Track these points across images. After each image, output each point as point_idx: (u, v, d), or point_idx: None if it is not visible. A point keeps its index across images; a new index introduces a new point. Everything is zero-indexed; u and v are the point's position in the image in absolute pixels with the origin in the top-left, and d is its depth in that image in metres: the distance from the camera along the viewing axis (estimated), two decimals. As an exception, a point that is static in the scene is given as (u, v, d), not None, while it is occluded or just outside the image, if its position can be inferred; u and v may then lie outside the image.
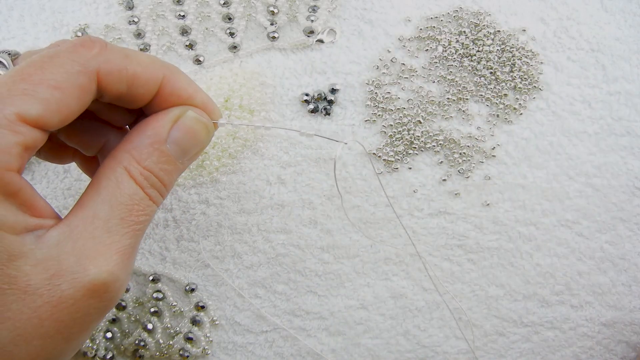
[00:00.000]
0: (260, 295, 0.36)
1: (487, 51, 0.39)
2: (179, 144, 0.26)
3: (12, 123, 0.21)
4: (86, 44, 0.24)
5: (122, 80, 0.24)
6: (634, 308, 0.37)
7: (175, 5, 0.39)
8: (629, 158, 0.38)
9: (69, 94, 0.23)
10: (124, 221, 0.24)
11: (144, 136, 0.25)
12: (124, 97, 0.25)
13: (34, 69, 0.22)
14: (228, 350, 0.36)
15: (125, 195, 0.24)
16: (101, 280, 0.22)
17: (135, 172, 0.24)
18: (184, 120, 0.26)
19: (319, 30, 0.39)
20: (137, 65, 0.25)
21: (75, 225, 0.23)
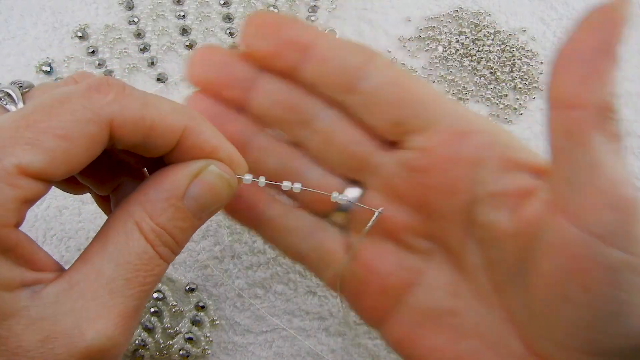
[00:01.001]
0: (260, 296, 0.36)
1: (487, 51, 0.39)
2: (197, 200, 0.23)
3: (11, 176, 0.19)
4: (102, 88, 0.21)
5: (138, 130, 0.22)
6: (634, 308, 0.37)
7: (175, 5, 0.39)
8: (629, 158, 0.38)
9: (77, 144, 0.20)
10: (129, 282, 0.21)
11: (160, 190, 0.23)
12: (139, 147, 0.23)
13: (41, 114, 0.20)
14: (228, 350, 0.36)
15: (133, 254, 0.22)
16: (99, 346, 0.20)
17: (146, 229, 0.22)
18: (205, 175, 0.23)
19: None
20: (156, 115, 0.22)
21: (76, 281, 0.21)
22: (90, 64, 0.39)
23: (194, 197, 0.23)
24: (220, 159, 0.24)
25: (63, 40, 0.39)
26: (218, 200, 0.24)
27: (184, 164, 0.23)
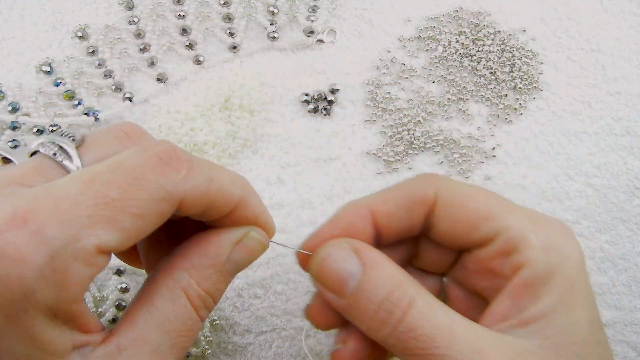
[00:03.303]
0: (259, 296, 0.36)
1: (487, 51, 0.39)
2: (236, 263, 0.24)
3: (90, 255, 0.19)
4: (173, 163, 0.21)
5: (202, 204, 0.23)
6: (634, 308, 0.37)
7: (175, 5, 0.39)
8: (629, 158, 0.38)
9: (149, 221, 0.21)
10: (173, 347, 0.22)
11: (205, 256, 0.23)
12: (195, 216, 0.24)
13: (118, 192, 0.20)
14: (228, 350, 0.36)
15: (180, 321, 0.22)
16: None
17: (193, 295, 0.23)
18: (247, 241, 0.25)
19: (319, 30, 0.39)
20: (219, 190, 0.23)
21: (123, 346, 0.21)
22: (90, 64, 0.39)
23: (235, 261, 0.24)
24: (260, 225, 0.25)
25: (63, 40, 0.39)
26: (253, 261, 0.25)
27: (226, 230, 0.24)
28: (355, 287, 0.24)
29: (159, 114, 0.38)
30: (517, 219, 0.25)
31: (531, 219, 0.25)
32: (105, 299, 0.35)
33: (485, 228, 0.25)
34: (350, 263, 0.24)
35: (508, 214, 0.25)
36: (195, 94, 0.38)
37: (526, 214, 0.25)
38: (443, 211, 0.26)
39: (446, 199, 0.26)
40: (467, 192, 0.26)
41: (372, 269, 0.24)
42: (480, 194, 0.26)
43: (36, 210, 0.19)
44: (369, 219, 0.26)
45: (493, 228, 0.25)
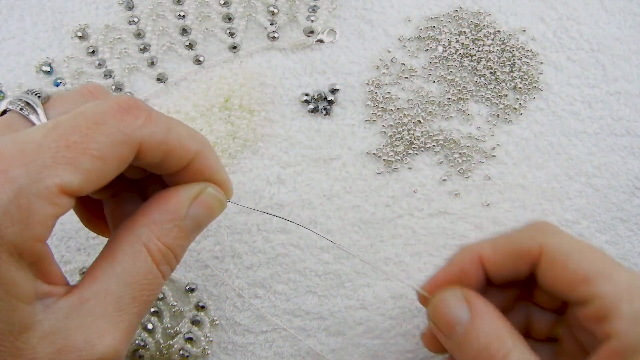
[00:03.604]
0: (260, 295, 0.36)
1: (487, 51, 0.39)
2: (195, 219, 0.25)
3: (53, 195, 0.20)
4: (132, 111, 0.23)
5: (160, 153, 0.24)
6: (634, 308, 0.37)
7: (175, 5, 0.39)
8: (629, 158, 0.38)
9: (110, 164, 0.22)
10: (135, 300, 0.23)
11: (165, 212, 0.24)
12: (154, 166, 0.25)
13: (79, 135, 0.21)
14: (228, 350, 0.36)
15: (140, 274, 0.23)
16: (107, 359, 0.22)
17: (154, 249, 0.24)
18: (204, 196, 0.26)
19: (319, 30, 0.39)
20: (177, 140, 0.24)
21: (86, 298, 0.22)
22: (90, 64, 0.39)
23: (194, 216, 0.25)
24: (216, 182, 0.27)
25: (63, 40, 0.39)
26: (212, 218, 0.26)
27: (185, 187, 0.25)
28: (462, 332, 0.26)
29: (159, 114, 0.38)
30: (614, 286, 0.25)
31: (630, 286, 0.25)
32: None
33: (582, 291, 0.25)
34: (461, 311, 0.27)
35: (606, 280, 0.25)
36: (195, 94, 0.38)
37: (627, 280, 0.25)
38: (545, 267, 0.27)
39: (549, 255, 0.27)
40: (570, 249, 0.26)
41: (479, 319, 0.26)
42: (583, 252, 0.26)
43: (2, 153, 0.20)
44: (479, 265, 0.28)
45: (588, 292, 0.25)
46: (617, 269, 0.26)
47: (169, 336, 0.36)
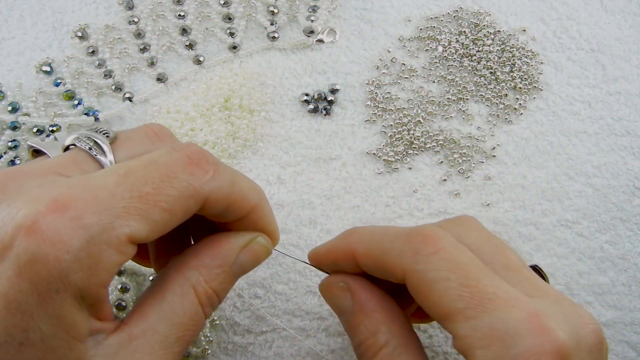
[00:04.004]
0: (260, 295, 0.36)
1: (487, 51, 0.39)
2: (242, 266, 0.26)
3: (122, 244, 0.21)
4: (202, 164, 0.23)
5: (223, 205, 0.24)
6: (634, 308, 0.37)
7: (175, 5, 0.39)
8: (629, 158, 0.38)
9: (176, 215, 0.23)
10: (179, 340, 0.24)
11: (215, 257, 0.25)
12: (214, 216, 0.25)
13: (152, 187, 0.22)
14: (228, 350, 0.36)
15: (187, 315, 0.24)
16: None
17: (201, 292, 0.24)
18: (254, 246, 0.27)
19: (319, 30, 0.39)
20: (240, 194, 0.25)
21: (134, 335, 0.23)
22: (90, 64, 0.39)
23: (241, 263, 0.26)
24: (268, 232, 0.27)
25: (63, 40, 0.39)
26: (256, 265, 0.27)
27: (237, 234, 0.26)
28: (347, 320, 0.28)
29: (159, 114, 0.38)
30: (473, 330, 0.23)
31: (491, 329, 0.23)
32: (105, 299, 0.35)
33: (444, 325, 0.25)
34: (344, 300, 0.28)
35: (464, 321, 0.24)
36: (195, 94, 0.38)
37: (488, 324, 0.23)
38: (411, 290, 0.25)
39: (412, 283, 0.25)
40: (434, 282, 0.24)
41: (359, 312, 0.27)
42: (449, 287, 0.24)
43: (76, 198, 0.20)
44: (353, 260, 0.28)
45: (449, 328, 0.24)
46: (486, 307, 0.24)
47: (169, 336, 0.36)
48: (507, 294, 0.24)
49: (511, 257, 0.27)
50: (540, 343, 0.22)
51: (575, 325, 0.24)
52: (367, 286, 0.28)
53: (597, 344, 0.24)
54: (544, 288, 0.26)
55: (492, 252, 0.27)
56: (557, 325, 0.23)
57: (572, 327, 0.24)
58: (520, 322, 0.23)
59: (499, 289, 0.24)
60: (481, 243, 0.27)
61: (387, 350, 0.26)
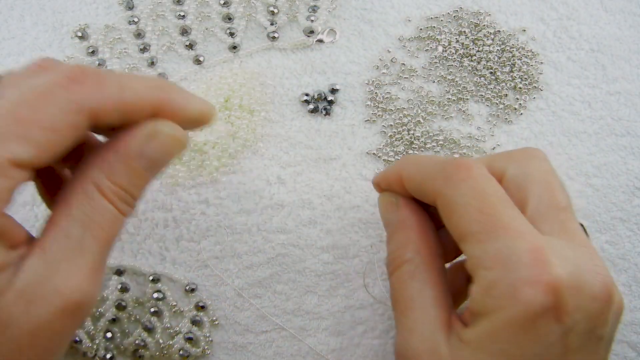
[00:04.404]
0: (260, 295, 0.36)
1: (487, 51, 0.39)
2: (150, 159, 0.25)
3: (4, 169, 0.21)
4: (78, 78, 0.23)
5: (117, 113, 0.24)
6: (634, 308, 0.37)
7: (175, 5, 0.39)
8: (629, 158, 0.38)
9: (63, 134, 0.22)
10: (95, 239, 0.23)
11: (116, 152, 0.24)
12: (116, 124, 0.25)
13: (27, 109, 0.22)
14: (228, 350, 0.36)
15: (97, 213, 0.23)
16: (75, 301, 0.22)
17: (106, 189, 0.24)
18: (157, 136, 0.25)
19: (319, 30, 0.39)
20: (133, 96, 0.24)
21: (48, 247, 0.23)
22: (90, 64, 0.39)
23: (148, 156, 0.25)
24: (190, 117, 0.26)
25: (63, 40, 0.39)
26: (169, 157, 0.26)
27: (138, 126, 0.25)
28: (388, 232, 0.31)
29: (159, 114, 0.38)
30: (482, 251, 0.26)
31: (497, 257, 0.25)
32: (106, 299, 0.35)
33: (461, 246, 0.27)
34: (391, 214, 0.31)
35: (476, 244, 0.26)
36: (195, 94, 0.38)
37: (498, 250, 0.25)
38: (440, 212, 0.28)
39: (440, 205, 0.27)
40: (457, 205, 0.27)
41: (400, 225, 0.30)
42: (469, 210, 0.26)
43: None
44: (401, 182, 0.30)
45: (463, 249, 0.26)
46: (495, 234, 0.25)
47: (169, 336, 0.36)
48: (520, 226, 0.25)
49: (556, 197, 0.28)
50: (536, 273, 0.24)
51: (583, 269, 0.25)
52: (412, 205, 0.30)
53: (603, 294, 0.25)
54: (572, 232, 0.27)
55: (539, 187, 0.28)
56: (559, 262, 0.24)
57: (577, 270, 0.25)
58: (524, 251, 0.24)
59: (514, 221, 0.26)
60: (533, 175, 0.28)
61: (409, 266, 0.28)
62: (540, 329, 0.24)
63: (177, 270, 0.36)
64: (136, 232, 0.36)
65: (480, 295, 0.25)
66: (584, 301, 0.24)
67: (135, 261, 0.36)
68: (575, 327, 0.25)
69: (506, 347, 0.25)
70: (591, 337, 0.25)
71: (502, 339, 0.25)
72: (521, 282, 0.24)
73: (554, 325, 0.24)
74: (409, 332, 0.28)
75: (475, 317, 0.25)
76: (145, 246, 0.36)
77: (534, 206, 0.27)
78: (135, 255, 0.36)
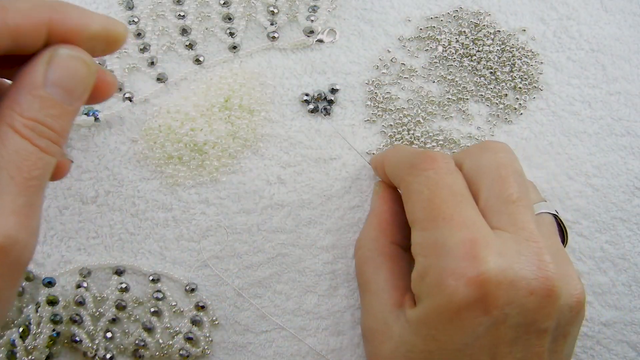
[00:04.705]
0: (260, 295, 0.36)
1: (487, 51, 0.39)
2: (59, 85, 0.24)
3: None
4: None
5: (4, 35, 0.23)
6: (634, 308, 0.37)
7: (175, 5, 0.39)
8: (629, 158, 0.38)
9: None
10: (14, 180, 0.22)
11: (21, 86, 0.23)
12: (13, 50, 0.23)
13: None
14: (228, 350, 0.36)
15: (11, 152, 0.22)
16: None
17: (18, 126, 0.22)
18: (57, 60, 0.24)
19: (319, 30, 0.39)
20: (17, 16, 0.23)
21: None
22: (90, 64, 0.39)
23: (55, 83, 0.24)
24: (92, 35, 0.25)
25: (63, 40, 0.39)
26: (80, 81, 0.24)
27: (37, 55, 0.24)
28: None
29: (159, 114, 0.38)
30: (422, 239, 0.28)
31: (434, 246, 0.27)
32: (105, 299, 0.35)
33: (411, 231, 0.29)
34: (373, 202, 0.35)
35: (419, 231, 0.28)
36: (195, 94, 0.38)
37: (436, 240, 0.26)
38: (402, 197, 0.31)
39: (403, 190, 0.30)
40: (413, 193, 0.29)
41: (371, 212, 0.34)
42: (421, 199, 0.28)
43: None
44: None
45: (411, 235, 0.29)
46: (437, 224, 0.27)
47: (169, 336, 0.36)
48: (463, 219, 0.26)
49: (507, 189, 0.28)
50: (463, 266, 0.25)
51: (520, 264, 0.25)
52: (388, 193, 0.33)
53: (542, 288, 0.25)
54: (521, 225, 0.27)
55: (489, 179, 0.29)
56: (492, 257, 0.25)
57: (513, 264, 0.25)
58: (458, 243, 0.25)
59: (458, 213, 0.27)
60: (484, 168, 0.29)
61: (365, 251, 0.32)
62: (466, 320, 0.25)
63: (177, 270, 0.36)
64: (136, 232, 0.36)
65: (415, 281, 0.27)
66: (517, 296, 0.25)
67: (135, 261, 0.36)
68: (508, 320, 0.25)
69: (434, 333, 0.26)
70: (529, 330, 0.26)
71: (431, 325, 0.26)
72: (447, 272, 0.25)
73: (482, 318, 0.25)
74: (366, 312, 0.31)
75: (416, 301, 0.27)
76: (145, 246, 0.36)
77: (484, 198, 0.28)
78: (135, 255, 0.36)
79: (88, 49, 0.25)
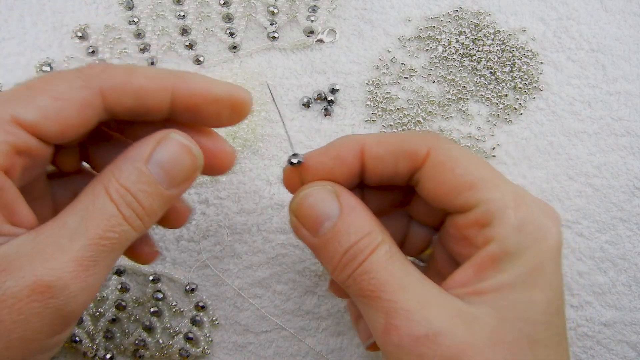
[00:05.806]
0: (260, 295, 0.36)
1: (487, 51, 0.39)
2: (162, 166, 0.25)
3: (5, 123, 0.22)
4: (90, 65, 0.25)
5: (128, 94, 0.25)
6: (634, 308, 0.37)
7: (175, 5, 0.39)
8: (629, 158, 0.38)
9: (70, 106, 0.24)
10: (89, 233, 0.23)
11: (126, 156, 0.25)
12: (136, 111, 0.25)
13: (40, 81, 0.24)
14: (228, 350, 0.36)
15: (97, 210, 0.23)
16: (46, 282, 0.21)
17: (111, 189, 0.24)
18: (167, 142, 0.25)
19: (319, 30, 0.39)
20: (142, 78, 0.25)
21: (42, 231, 0.23)
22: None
23: (158, 163, 0.25)
24: (215, 99, 0.26)
25: (63, 40, 0.39)
26: (183, 169, 0.25)
27: (152, 134, 0.25)
28: (330, 228, 0.25)
29: (159, 114, 0.38)
30: (501, 194, 0.25)
31: (517, 197, 0.25)
32: (105, 299, 0.35)
33: (466, 196, 0.25)
34: (330, 205, 0.26)
35: (493, 188, 0.25)
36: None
37: (514, 192, 0.25)
38: (430, 170, 0.26)
39: (437, 160, 0.26)
40: (459, 157, 0.26)
41: (349, 213, 0.25)
42: (473, 161, 0.26)
43: None
44: (358, 155, 0.26)
45: (474, 198, 0.25)
46: (505, 182, 0.25)
47: (169, 336, 0.36)
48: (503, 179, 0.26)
49: None
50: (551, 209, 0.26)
51: None
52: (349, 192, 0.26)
53: None
54: None
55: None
56: None
57: None
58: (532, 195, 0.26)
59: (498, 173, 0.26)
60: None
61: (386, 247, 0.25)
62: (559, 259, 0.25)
63: (177, 270, 0.36)
64: (136, 232, 0.36)
65: (513, 234, 0.24)
66: None
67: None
68: None
69: (550, 278, 0.24)
70: None
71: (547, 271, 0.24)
72: (547, 217, 0.25)
73: None
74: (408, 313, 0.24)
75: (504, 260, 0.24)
76: (145, 246, 0.36)
77: None
78: (135, 255, 0.36)
79: (213, 115, 0.26)
